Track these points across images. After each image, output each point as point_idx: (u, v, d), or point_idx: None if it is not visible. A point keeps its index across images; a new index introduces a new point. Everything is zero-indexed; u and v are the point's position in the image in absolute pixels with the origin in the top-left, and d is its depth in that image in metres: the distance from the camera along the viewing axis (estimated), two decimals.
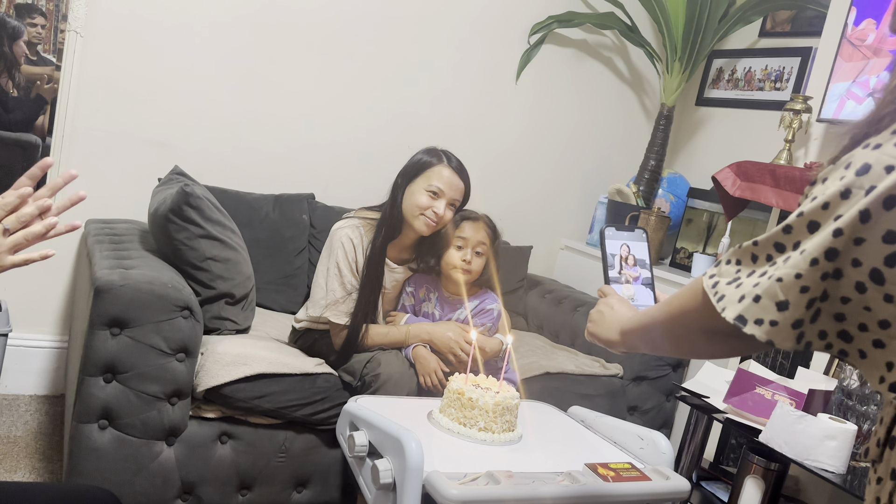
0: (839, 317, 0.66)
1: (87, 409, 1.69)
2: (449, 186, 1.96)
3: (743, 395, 1.84)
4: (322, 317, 1.96)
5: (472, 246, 1.98)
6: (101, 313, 1.66)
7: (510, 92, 2.98)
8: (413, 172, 1.99)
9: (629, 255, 1.16)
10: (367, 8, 2.67)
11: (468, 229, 1.99)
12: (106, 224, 2.27)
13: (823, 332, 0.67)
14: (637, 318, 0.95)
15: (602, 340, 1.02)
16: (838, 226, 0.63)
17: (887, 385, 0.64)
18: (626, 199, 2.92)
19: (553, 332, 2.68)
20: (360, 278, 1.97)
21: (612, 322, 1.00)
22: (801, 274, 0.66)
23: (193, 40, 2.46)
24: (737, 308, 0.70)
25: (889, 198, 0.61)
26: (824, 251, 0.64)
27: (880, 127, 0.67)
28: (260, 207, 2.46)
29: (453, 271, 1.98)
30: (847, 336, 0.67)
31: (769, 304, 0.68)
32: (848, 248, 0.64)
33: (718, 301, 0.72)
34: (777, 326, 0.68)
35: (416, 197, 1.96)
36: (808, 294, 0.66)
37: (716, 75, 3.08)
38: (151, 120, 2.45)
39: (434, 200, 1.95)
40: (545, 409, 1.86)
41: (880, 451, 0.72)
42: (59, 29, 2.29)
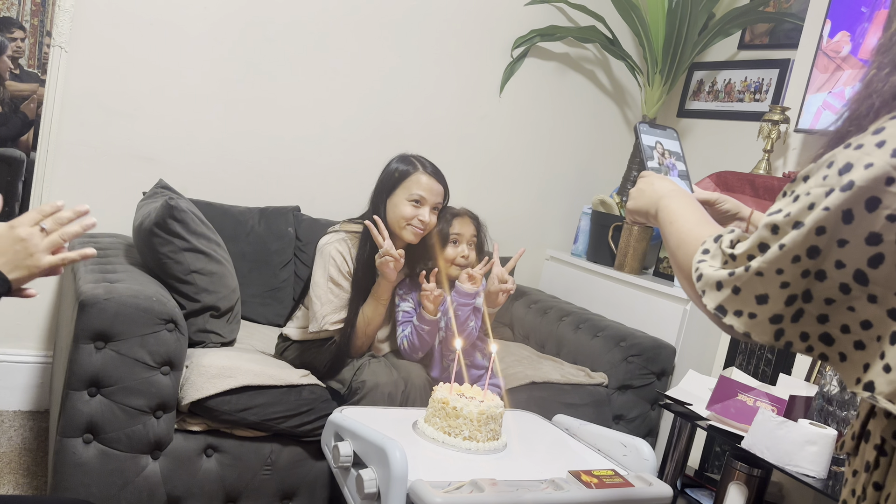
0: (822, 318, 0.67)
1: (72, 424, 1.68)
2: (429, 192, 1.99)
3: (725, 402, 1.86)
4: (322, 330, 1.97)
5: (467, 241, 2.07)
6: (85, 327, 1.66)
7: (494, 104, 3.01)
8: (392, 184, 2.02)
9: (664, 151, 1.18)
10: (351, 22, 2.70)
11: (460, 225, 2.07)
12: (91, 238, 2.27)
13: (805, 333, 0.69)
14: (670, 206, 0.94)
15: (641, 214, 1.03)
16: (821, 224, 0.65)
17: (862, 385, 0.66)
18: (609, 210, 2.94)
19: (539, 341, 2.69)
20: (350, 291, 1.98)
21: (652, 196, 1.00)
22: (782, 269, 0.67)
23: (178, 55, 2.47)
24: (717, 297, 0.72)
25: (871, 199, 0.63)
26: (806, 248, 0.66)
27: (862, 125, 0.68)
28: (245, 220, 2.46)
29: (452, 268, 2.06)
30: (829, 339, 0.68)
31: (749, 296, 0.69)
32: (830, 249, 0.65)
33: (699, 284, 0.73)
34: (755, 320, 0.69)
35: (399, 209, 1.98)
36: (788, 290, 0.67)
37: (696, 87, 3.13)
38: (136, 134, 2.46)
39: (418, 209, 1.98)
40: (530, 418, 1.87)
41: (855, 443, 0.74)
42: (43, 44, 2.30)
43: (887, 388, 0.64)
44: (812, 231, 0.65)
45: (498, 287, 2.02)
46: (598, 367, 2.44)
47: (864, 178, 0.63)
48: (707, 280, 0.73)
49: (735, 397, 1.85)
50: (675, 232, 0.87)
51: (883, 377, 0.64)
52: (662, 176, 1.07)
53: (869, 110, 0.68)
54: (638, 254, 2.79)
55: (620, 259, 2.81)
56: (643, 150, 1.15)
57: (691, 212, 0.90)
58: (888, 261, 0.63)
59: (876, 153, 0.63)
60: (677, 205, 0.93)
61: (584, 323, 2.58)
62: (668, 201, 0.95)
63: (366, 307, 1.99)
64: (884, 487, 0.68)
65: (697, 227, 0.84)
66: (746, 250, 0.70)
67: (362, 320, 1.99)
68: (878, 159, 0.63)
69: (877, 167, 0.62)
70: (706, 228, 0.83)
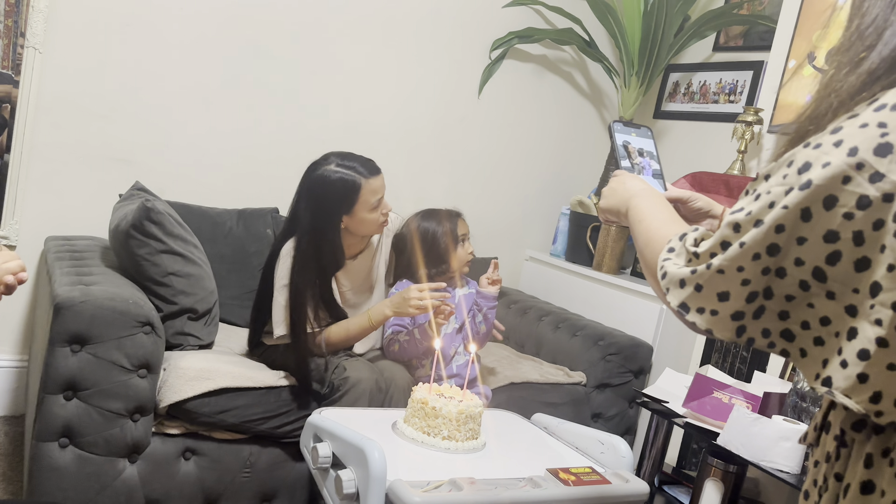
0: (783, 315, 0.69)
1: (48, 428, 1.67)
2: (381, 189, 2.00)
3: (701, 399, 1.88)
4: (286, 334, 1.96)
5: (468, 238, 2.20)
6: (61, 330, 1.65)
7: (473, 106, 3.03)
8: (349, 202, 1.95)
9: (639, 149, 1.19)
10: (328, 24, 2.70)
11: (463, 225, 2.18)
12: (66, 241, 2.25)
13: (767, 330, 0.70)
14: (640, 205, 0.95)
15: (612, 213, 1.04)
16: (780, 222, 0.66)
17: (821, 380, 0.68)
18: (587, 210, 2.97)
19: (518, 342, 2.71)
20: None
21: (623, 195, 1.01)
22: (742, 267, 0.68)
23: (155, 56, 2.45)
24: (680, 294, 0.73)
25: (828, 197, 0.64)
26: (766, 246, 0.67)
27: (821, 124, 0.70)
28: (223, 222, 2.45)
29: (465, 267, 2.17)
30: (790, 335, 0.69)
31: (711, 294, 0.71)
32: (790, 247, 0.66)
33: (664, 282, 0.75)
34: (717, 316, 0.71)
35: (365, 220, 1.98)
36: (748, 287, 0.68)
37: (672, 89, 3.16)
38: (112, 136, 2.44)
39: (379, 207, 2.00)
40: (509, 418, 1.88)
41: (817, 434, 0.75)
42: (17, 45, 2.27)
43: (844, 383, 0.65)
44: (772, 229, 0.67)
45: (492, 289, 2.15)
46: (577, 367, 2.46)
47: (822, 176, 0.64)
48: (671, 278, 0.74)
49: (711, 395, 1.87)
50: (644, 231, 0.89)
51: (840, 372, 0.65)
52: (634, 175, 1.09)
53: (828, 109, 0.70)
54: (615, 254, 2.81)
55: (598, 259, 2.84)
56: (616, 149, 1.16)
57: (660, 211, 0.92)
58: (845, 258, 0.64)
59: (833, 152, 0.65)
60: (647, 204, 0.94)
61: (563, 322, 2.60)
62: (638, 200, 0.96)
63: (352, 324, 1.98)
64: (844, 478, 0.70)
65: (665, 226, 0.86)
66: (709, 248, 0.72)
67: (343, 333, 1.98)
68: (836, 158, 0.64)
69: (834, 166, 0.64)
70: (673, 227, 0.85)
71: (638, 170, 1.15)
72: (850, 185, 0.63)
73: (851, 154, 0.63)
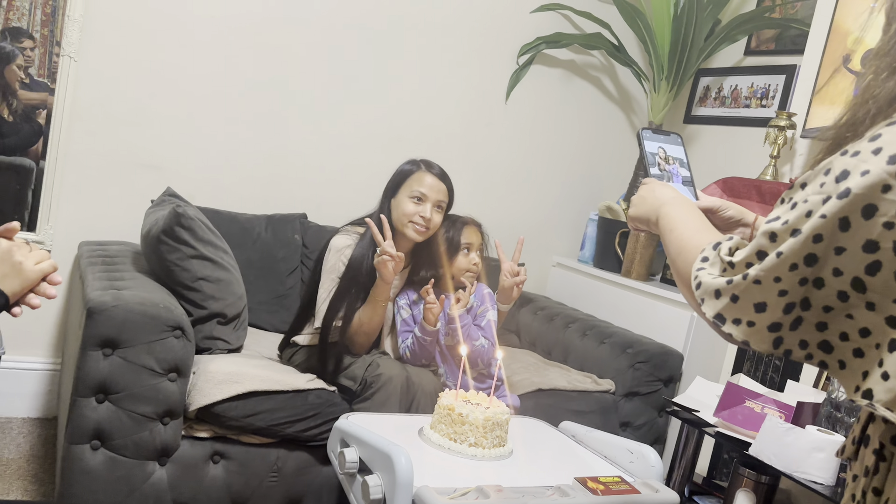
0: (821, 326, 0.67)
1: (80, 431, 1.69)
2: (431, 189, 2.00)
3: (733, 408, 1.85)
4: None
5: (476, 249, 2.11)
6: (93, 334, 1.67)
7: (500, 111, 3.02)
8: (395, 184, 2.06)
9: (667, 156, 1.18)
10: (357, 31, 2.71)
11: (469, 234, 2.10)
12: (99, 246, 2.28)
13: (804, 341, 0.69)
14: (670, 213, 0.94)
15: (642, 221, 1.03)
16: (818, 231, 0.65)
17: (861, 393, 0.66)
18: (616, 216, 2.94)
19: (545, 348, 2.69)
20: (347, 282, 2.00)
21: (653, 203, 1.00)
22: (779, 277, 0.67)
23: (185, 64, 2.49)
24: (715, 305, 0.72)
25: (867, 206, 0.62)
26: (803, 256, 0.65)
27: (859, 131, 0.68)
28: (252, 228, 2.48)
29: (465, 275, 2.08)
30: (828, 346, 0.68)
31: (747, 304, 0.69)
32: (828, 257, 0.65)
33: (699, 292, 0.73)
34: (754, 328, 0.69)
35: (402, 206, 2.01)
36: (786, 298, 0.67)
37: (703, 93, 3.12)
38: (144, 143, 2.48)
39: (419, 206, 2.00)
40: (536, 425, 1.87)
41: (855, 448, 0.73)
42: (52, 53, 2.32)
43: (885, 395, 0.63)
44: (809, 239, 0.65)
45: (511, 281, 2.04)
46: (605, 374, 2.43)
47: (861, 185, 0.63)
48: (706, 288, 0.73)
49: (743, 404, 1.84)
50: (676, 240, 0.87)
51: (881, 385, 0.64)
52: (664, 183, 1.07)
53: (865, 115, 0.68)
54: (645, 260, 2.78)
55: (627, 265, 2.81)
56: (645, 156, 1.15)
57: (692, 219, 0.90)
58: (885, 268, 0.63)
59: (872, 160, 0.63)
60: (677, 212, 0.93)
61: (590, 329, 2.57)
62: (669, 209, 0.95)
63: (364, 308, 1.99)
64: (883, 492, 0.68)
65: (697, 235, 0.84)
66: (745, 258, 0.70)
67: (357, 321, 1.99)
68: (875, 166, 0.62)
69: (873, 174, 0.62)
70: (706, 236, 0.83)
71: (667, 177, 1.14)
72: (890, 194, 0.62)
73: (891, 162, 0.62)
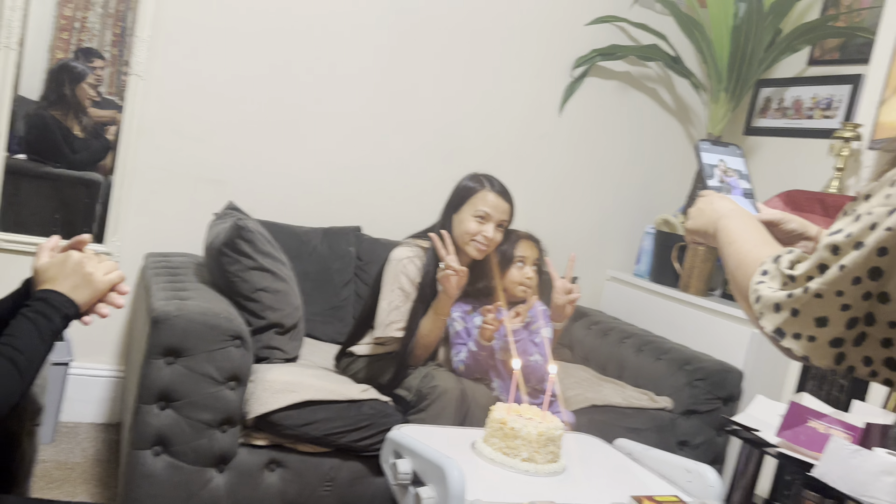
0: (887, 343, 0.65)
1: (142, 436, 1.74)
2: (495, 209, 2.01)
3: (796, 428, 1.79)
4: (385, 335, 2.01)
5: (531, 263, 2.09)
6: (157, 342, 1.73)
7: (554, 123, 3.01)
8: (458, 200, 2.07)
9: (727, 168, 1.16)
10: (412, 45, 2.75)
11: (524, 248, 2.09)
12: (163, 257, 2.36)
13: (869, 358, 0.66)
14: (729, 226, 0.92)
15: (700, 234, 1.01)
16: (883, 244, 0.63)
17: None
18: (673, 230, 2.89)
19: (599, 364, 2.65)
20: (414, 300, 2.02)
21: (711, 216, 0.98)
22: (842, 291, 0.65)
23: (248, 83, 2.56)
24: (775, 319, 0.70)
25: None
26: (867, 270, 0.64)
27: None
28: (309, 240, 2.52)
29: (518, 289, 2.06)
30: (894, 364, 0.66)
31: (808, 319, 0.67)
32: (893, 270, 0.63)
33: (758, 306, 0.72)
34: (815, 342, 0.67)
35: (464, 224, 2.02)
36: (849, 312, 0.65)
37: (763, 104, 3.05)
38: (208, 158, 2.56)
39: (482, 225, 2.01)
40: (590, 441, 1.84)
41: None
42: (121, 72, 2.42)
43: None
44: (873, 252, 0.63)
45: (564, 299, 2.02)
46: (662, 391, 2.38)
47: None
48: (765, 302, 0.71)
49: (806, 424, 1.78)
50: (734, 252, 0.86)
51: None
52: (723, 195, 1.05)
53: None
54: (703, 274, 2.73)
55: (685, 280, 2.76)
56: (703, 168, 1.13)
57: (751, 232, 0.88)
58: None
59: None
60: (736, 225, 0.91)
61: (646, 345, 2.53)
62: (728, 221, 0.93)
63: (424, 321, 2.00)
64: None
65: (757, 248, 0.82)
66: (806, 271, 0.68)
67: (419, 333, 2.01)
68: None
69: None
70: (766, 249, 0.81)
71: (726, 189, 1.12)
72: None
73: None
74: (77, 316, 1.11)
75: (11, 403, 0.99)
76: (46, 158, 2.39)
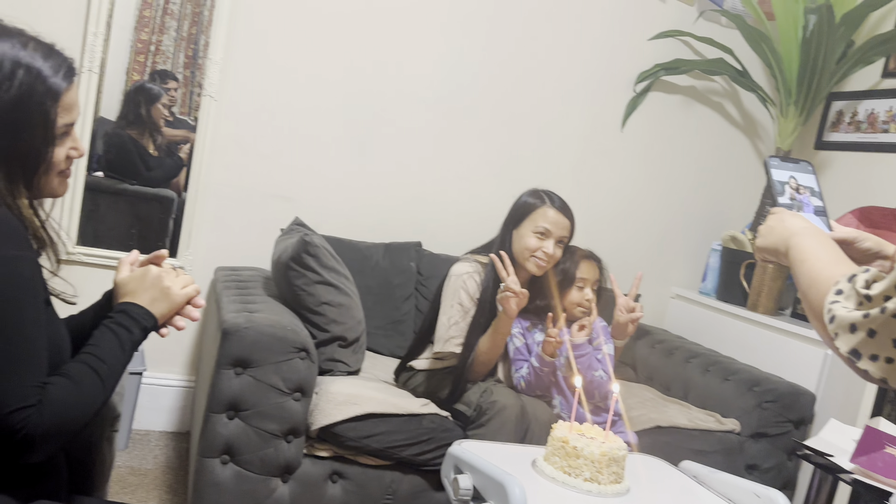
0: None
1: (211, 445, 1.79)
2: (555, 225, 2.01)
3: (872, 454, 1.72)
4: (444, 350, 2.02)
5: (591, 285, 2.09)
6: (227, 353, 1.78)
7: (616, 139, 2.99)
8: (518, 216, 2.07)
9: (798, 186, 1.14)
10: (472, 63, 2.77)
11: (586, 269, 2.09)
12: (233, 271, 2.44)
13: None
14: (801, 244, 0.91)
15: (770, 252, 1.00)
16: None
17: None
18: (741, 247, 2.82)
19: (664, 383, 2.60)
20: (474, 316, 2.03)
21: (782, 233, 0.97)
22: None
23: (315, 103, 2.63)
24: (851, 340, 0.68)
25: None
26: None
27: None
28: (371, 255, 2.56)
29: (577, 310, 2.07)
30: None
31: (885, 340, 0.65)
32: None
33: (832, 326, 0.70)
34: (893, 364, 0.65)
35: (524, 240, 2.02)
36: None
37: (835, 118, 2.96)
38: (276, 175, 2.63)
39: (542, 241, 2.00)
40: (654, 463, 1.80)
41: None
42: (194, 93, 2.52)
43: None
44: None
45: (627, 317, 1.99)
46: (729, 413, 2.32)
47: None
48: (840, 322, 0.69)
49: (883, 450, 1.70)
50: (807, 271, 0.84)
51: None
52: (794, 213, 1.03)
53: None
54: (773, 293, 2.65)
55: (754, 298, 2.68)
56: (773, 185, 1.11)
57: (824, 250, 0.86)
58: None
59: None
60: (809, 243, 0.89)
61: (713, 365, 2.47)
62: (800, 239, 0.91)
63: (484, 338, 2.01)
64: None
65: (830, 267, 0.80)
66: (883, 291, 0.67)
67: (478, 350, 2.01)
68: None
69: None
70: (840, 268, 0.79)
71: (797, 207, 1.09)
72: None
73: None
74: (155, 328, 1.16)
75: (95, 411, 1.04)
76: (123, 176, 2.51)
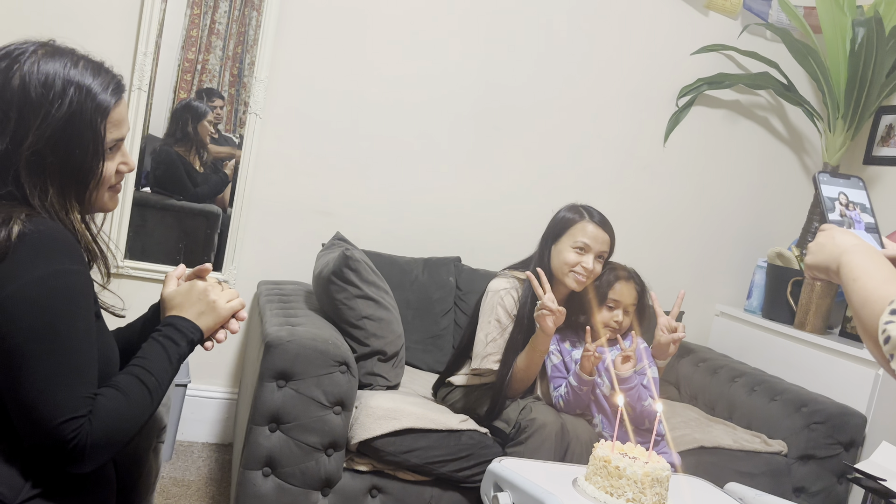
0: None
1: (253, 457, 1.81)
2: (594, 240, 1.99)
3: None
4: (482, 367, 2.01)
5: (624, 307, 2.03)
6: (269, 366, 1.80)
7: (657, 154, 2.96)
8: (557, 231, 2.05)
9: (848, 202, 1.11)
10: (513, 80, 2.78)
11: (621, 290, 2.03)
12: (275, 285, 2.47)
13: None
14: (853, 262, 0.89)
15: (821, 270, 0.98)
16: None
17: None
18: (787, 264, 2.76)
19: (708, 403, 2.55)
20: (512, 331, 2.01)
21: (833, 251, 0.95)
22: None
23: (357, 121, 2.67)
24: None
25: None
26: None
27: None
28: (410, 270, 2.58)
29: (603, 330, 2.02)
30: None
31: None
32: None
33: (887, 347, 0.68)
34: None
35: (563, 255, 2.00)
36: None
37: (885, 132, 2.89)
38: (318, 191, 2.67)
39: (582, 256, 1.99)
40: (699, 485, 1.77)
41: None
42: (238, 111, 2.58)
43: None
44: None
45: (669, 337, 1.95)
46: (776, 434, 2.26)
47: None
48: (895, 343, 0.67)
49: None
50: (860, 290, 0.82)
51: None
52: (845, 230, 1.01)
53: None
54: (821, 311, 2.58)
55: (801, 317, 2.62)
56: (823, 201, 1.09)
57: (877, 268, 0.84)
58: None
59: None
60: (861, 260, 0.87)
61: (759, 385, 2.41)
62: (851, 257, 0.89)
63: (521, 356, 1.99)
64: None
65: (884, 285, 0.78)
66: None
67: (516, 367, 2.00)
68: None
69: None
70: (894, 286, 0.77)
71: (848, 223, 1.07)
72: None
73: None
74: (201, 341, 1.18)
75: (143, 422, 1.06)
76: (171, 192, 2.57)
